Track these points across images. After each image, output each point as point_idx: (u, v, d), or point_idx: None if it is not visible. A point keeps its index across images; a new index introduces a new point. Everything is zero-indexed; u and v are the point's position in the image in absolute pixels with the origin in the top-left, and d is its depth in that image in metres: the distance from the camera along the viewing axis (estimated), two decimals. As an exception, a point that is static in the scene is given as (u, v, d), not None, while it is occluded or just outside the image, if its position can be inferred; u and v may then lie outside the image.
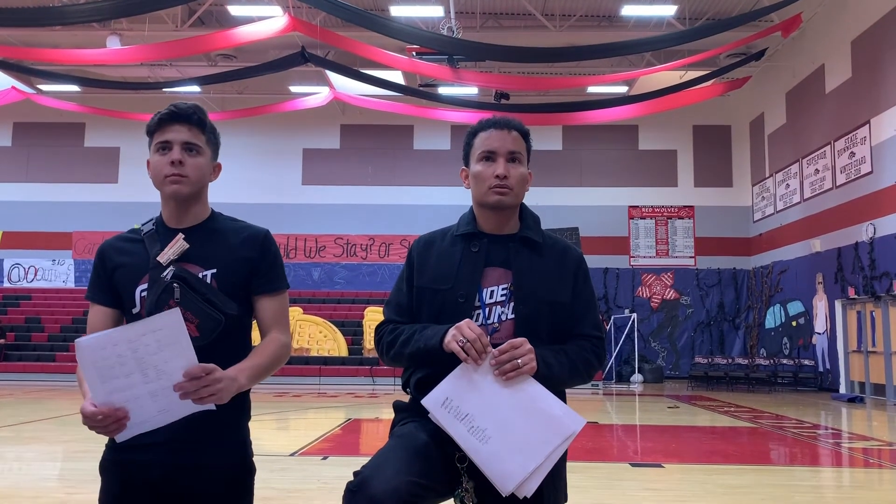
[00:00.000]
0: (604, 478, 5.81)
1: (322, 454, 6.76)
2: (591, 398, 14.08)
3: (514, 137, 1.94)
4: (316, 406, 11.96)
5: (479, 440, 1.73)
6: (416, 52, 14.20)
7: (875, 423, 10.50)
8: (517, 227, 1.98)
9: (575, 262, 1.97)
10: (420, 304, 1.96)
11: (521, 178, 1.94)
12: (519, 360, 1.74)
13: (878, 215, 13.48)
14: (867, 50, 14.10)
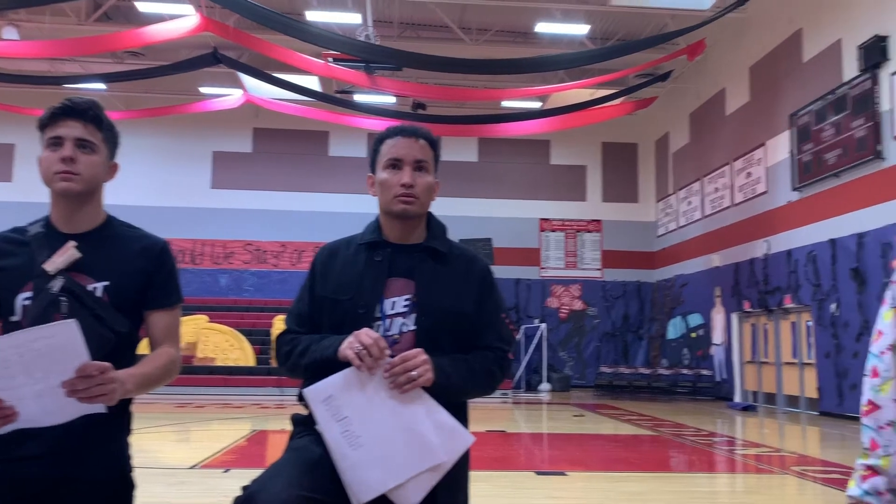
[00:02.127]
0: (508, 486, 5.87)
1: (224, 466, 6.55)
2: (500, 406, 14.23)
3: (421, 146, 1.93)
4: (220, 417, 11.60)
5: (350, 445, 1.71)
6: (333, 58, 14.07)
7: (766, 431, 11.05)
8: (423, 236, 1.96)
9: (481, 272, 1.97)
10: (321, 315, 1.92)
11: (427, 186, 1.92)
12: (413, 371, 1.72)
13: (772, 233, 14.25)
14: (764, 76, 14.92)
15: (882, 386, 1.58)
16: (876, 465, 1.55)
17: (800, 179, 13.28)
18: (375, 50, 13.50)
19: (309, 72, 15.07)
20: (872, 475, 1.56)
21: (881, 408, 1.57)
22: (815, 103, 12.82)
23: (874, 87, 11.33)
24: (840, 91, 12.16)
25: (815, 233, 12.72)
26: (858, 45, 11.63)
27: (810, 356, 12.99)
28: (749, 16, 15.15)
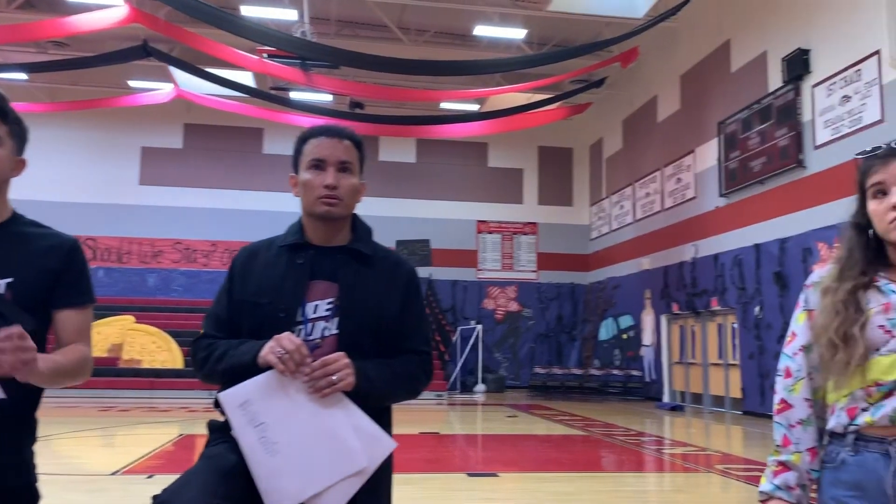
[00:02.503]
0: (439, 489, 5.86)
1: (148, 472, 6.34)
2: (435, 408, 14.23)
3: (345, 146, 1.88)
4: (146, 421, 11.25)
5: (267, 452, 1.66)
6: (268, 54, 13.82)
7: (693, 430, 11.36)
8: (348, 238, 1.91)
9: (406, 275, 1.93)
10: (240, 319, 1.85)
11: (352, 188, 1.88)
12: (334, 376, 1.67)
13: (700, 237, 14.67)
14: (694, 84, 15.35)
15: (794, 385, 1.62)
16: (787, 461, 1.59)
17: (726, 186, 13.71)
18: (312, 47, 13.31)
19: (243, 67, 14.76)
20: (784, 471, 1.59)
21: (793, 406, 1.61)
22: (742, 112, 13.26)
23: (797, 98, 11.78)
24: (765, 101, 12.60)
25: (740, 238, 13.15)
26: (783, 57, 12.07)
27: (735, 357, 13.42)
28: (680, 25, 15.57)
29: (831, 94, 11.05)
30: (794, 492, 1.57)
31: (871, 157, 1.59)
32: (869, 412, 1.48)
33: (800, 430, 1.59)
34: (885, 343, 1.48)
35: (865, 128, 10.26)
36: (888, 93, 9.91)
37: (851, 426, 1.51)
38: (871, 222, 1.58)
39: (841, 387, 1.53)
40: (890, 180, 1.53)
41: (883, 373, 1.47)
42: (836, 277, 1.60)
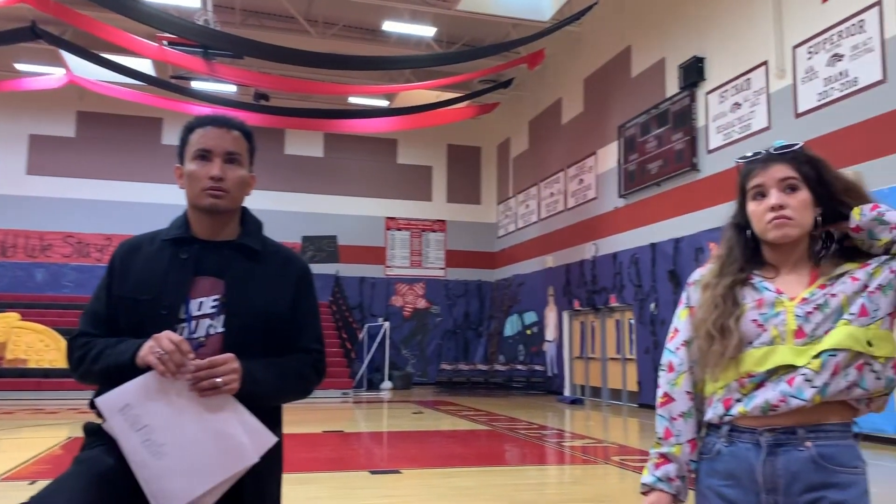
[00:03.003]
0: (341, 487, 5.81)
1: (31, 478, 5.98)
2: (340, 406, 14.10)
3: (233, 137, 1.82)
4: (32, 424, 10.63)
5: (152, 455, 1.60)
6: (168, 42, 13.29)
7: (591, 423, 11.71)
8: (236, 233, 1.85)
9: (298, 272, 1.89)
10: (119, 316, 1.76)
11: (239, 181, 1.81)
12: (219, 378, 1.62)
13: (600, 236, 15.14)
14: (597, 88, 15.82)
15: (676, 379, 1.68)
16: (668, 453, 1.65)
17: (625, 187, 14.20)
18: (215, 35, 12.91)
19: (141, 55, 14.14)
20: (665, 462, 1.65)
21: (675, 400, 1.67)
22: (641, 116, 13.76)
23: (692, 103, 12.32)
24: (663, 106, 13.12)
25: (637, 237, 13.66)
26: (679, 64, 12.60)
27: (632, 352, 13.94)
28: (584, 30, 16.00)
29: (723, 101, 11.62)
30: (674, 483, 1.63)
31: (752, 162, 1.68)
32: (742, 403, 1.56)
33: (681, 423, 1.65)
34: (758, 336, 1.56)
35: (754, 134, 10.84)
36: (774, 101, 10.51)
37: (727, 416, 1.58)
38: (750, 223, 1.66)
39: (717, 378, 1.61)
40: (769, 183, 1.61)
41: (755, 364, 1.55)
42: (717, 274, 1.68)
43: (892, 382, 1.53)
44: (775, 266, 1.66)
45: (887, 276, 1.54)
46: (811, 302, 1.56)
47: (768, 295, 1.59)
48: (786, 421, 1.52)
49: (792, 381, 1.52)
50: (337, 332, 18.32)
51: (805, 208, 1.60)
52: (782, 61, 10.36)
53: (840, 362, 1.50)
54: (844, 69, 9.30)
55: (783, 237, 1.60)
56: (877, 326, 1.52)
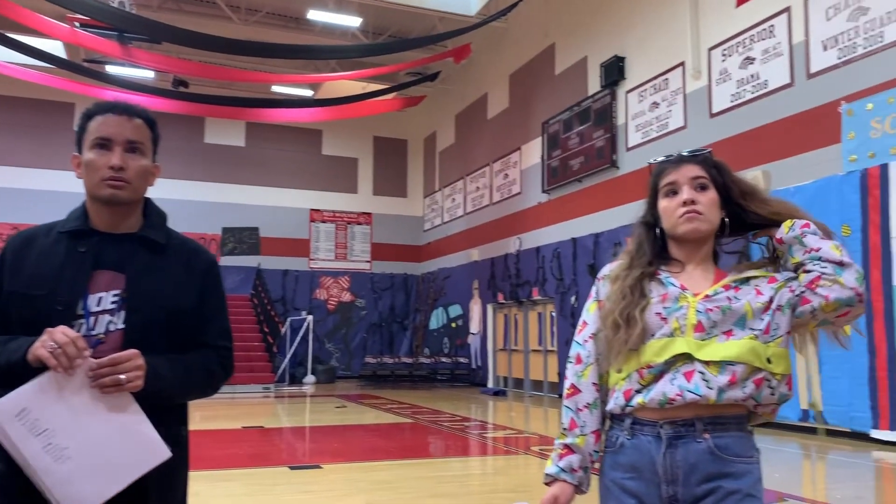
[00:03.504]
0: (259, 483, 5.71)
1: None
2: (261, 401, 13.86)
3: (135, 125, 1.73)
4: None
5: (55, 459, 1.52)
6: (80, 23, 12.72)
7: (513, 414, 11.88)
8: (138, 225, 1.78)
9: (204, 265, 1.82)
10: (11, 313, 1.66)
11: (141, 171, 1.73)
12: (122, 375, 1.55)
13: (524, 231, 15.36)
14: (522, 84, 16.00)
15: (584, 371, 1.72)
16: (572, 444, 1.68)
17: (548, 183, 14.44)
18: (131, 19, 12.41)
19: (51, 36, 13.48)
20: (568, 453, 1.68)
21: (581, 391, 1.71)
22: (564, 114, 14.01)
23: (613, 102, 12.61)
24: (585, 104, 13.38)
25: (559, 232, 13.91)
26: (601, 62, 12.87)
27: (553, 344, 14.21)
28: (510, 27, 16.16)
29: (642, 101, 11.94)
30: (577, 473, 1.66)
31: (665, 162, 1.74)
32: (642, 394, 1.60)
33: (586, 414, 1.69)
34: (660, 328, 1.61)
35: (671, 133, 11.19)
36: (690, 101, 10.86)
37: (627, 407, 1.62)
38: (660, 220, 1.72)
39: (620, 368, 1.65)
40: (682, 180, 1.68)
41: (654, 355, 1.60)
42: (626, 267, 1.73)
43: (784, 397, 1.61)
44: (682, 262, 1.71)
45: (787, 295, 1.61)
46: (713, 300, 1.61)
47: (672, 290, 1.64)
48: (685, 413, 1.57)
49: (690, 375, 1.57)
50: (258, 325, 17.97)
51: (714, 206, 1.67)
52: (698, 62, 10.71)
53: (738, 372, 1.56)
54: (756, 72, 9.70)
55: (694, 231, 1.65)
56: (776, 344, 1.59)
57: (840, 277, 1.55)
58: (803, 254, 1.61)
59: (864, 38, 8.23)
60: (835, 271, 1.56)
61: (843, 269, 1.56)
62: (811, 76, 8.89)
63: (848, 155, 8.20)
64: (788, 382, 1.61)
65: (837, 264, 1.57)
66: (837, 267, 1.57)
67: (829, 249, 1.58)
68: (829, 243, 1.60)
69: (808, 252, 1.60)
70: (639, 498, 1.59)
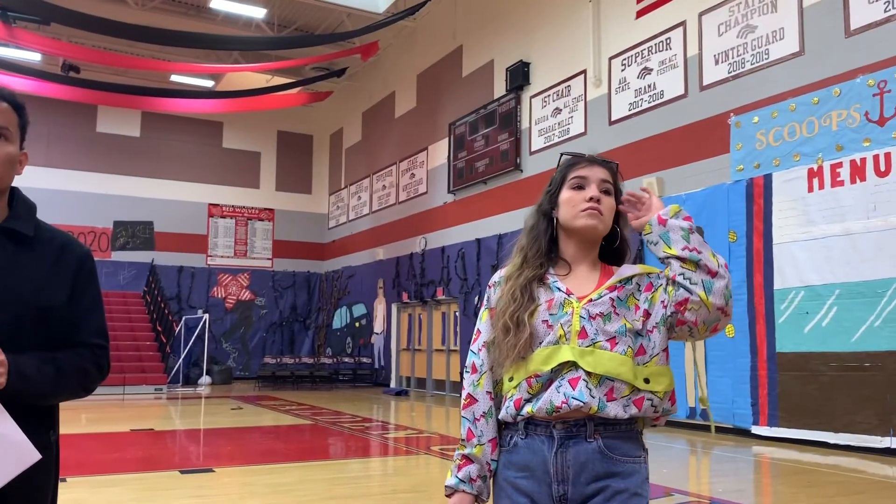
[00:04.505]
0: (147, 489, 5.45)
1: None
2: (153, 403, 13.28)
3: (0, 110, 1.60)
4: None
5: None
6: (-43, -2, 11.84)
7: (415, 414, 11.88)
8: (3, 216, 1.64)
9: (77, 259, 1.70)
10: None
11: (7, 158, 1.60)
12: None
13: (429, 230, 15.40)
14: (429, 85, 16.04)
15: (479, 380, 1.71)
16: (470, 454, 1.67)
17: (454, 184, 14.53)
18: (15, -4, 11.66)
19: (-77, 9, 12.48)
20: (467, 464, 1.67)
21: (478, 401, 1.69)
22: (470, 116, 14.13)
23: (517, 106, 12.82)
24: (491, 107, 13.55)
25: (464, 232, 14.03)
26: (507, 67, 13.06)
27: (456, 343, 14.31)
28: (418, 26, 16.17)
29: (546, 106, 12.19)
30: (476, 483, 1.65)
31: (579, 156, 1.74)
32: (531, 403, 1.60)
33: (483, 423, 1.67)
34: (546, 336, 1.61)
35: (572, 138, 11.48)
36: (591, 108, 11.18)
37: (518, 416, 1.62)
38: (556, 210, 1.71)
39: (511, 377, 1.64)
40: (592, 178, 1.68)
41: (541, 363, 1.59)
42: (518, 266, 1.72)
43: (667, 412, 1.64)
44: (570, 263, 1.71)
45: (661, 312, 1.61)
46: (597, 304, 1.61)
47: (558, 295, 1.64)
48: (577, 414, 1.57)
49: (575, 383, 1.57)
50: (151, 324, 17.25)
51: (611, 213, 1.69)
52: (599, 71, 11.03)
53: (616, 388, 1.57)
54: (653, 82, 10.08)
55: (592, 228, 1.66)
56: (654, 363, 1.60)
57: (708, 298, 1.54)
58: (682, 249, 1.57)
59: (752, 54, 8.69)
60: (703, 287, 1.54)
61: (713, 283, 1.55)
62: (704, 88, 9.32)
63: (735, 165, 8.64)
64: (672, 398, 1.62)
65: (712, 275, 1.55)
66: (709, 280, 1.55)
67: (708, 256, 1.57)
68: (708, 249, 1.59)
69: (689, 250, 1.57)
70: (531, 497, 1.59)
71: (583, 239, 1.69)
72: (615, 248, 1.74)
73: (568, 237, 1.71)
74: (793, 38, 8.26)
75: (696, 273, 1.56)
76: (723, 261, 1.59)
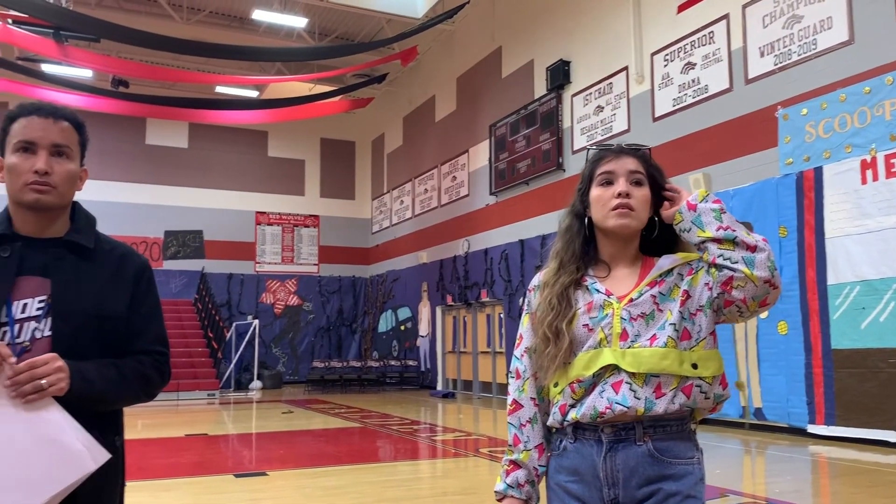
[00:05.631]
0: (203, 492, 5.58)
1: None
2: (206, 408, 13.57)
3: (61, 128, 1.66)
4: None
5: None
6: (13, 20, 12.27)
7: (462, 416, 11.89)
8: (65, 229, 1.71)
9: (136, 269, 1.77)
10: None
11: (68, 175, 1.66)
12: (42, 380, 1.49)
13: (472, 233, 15.41)
14: (469, 87, 16.06)
15: (523, 386, 1.71)
16: (517, 460, 1.67)
17: (496, 185, 14.52)
18: (68, 15, 12.04)
19: (-18, 32, 12.98)
20: (514, 469, 1.68)
21: (523, 406, 1.70)
22: (511, 116, 14.10)
23: (558, 105, 12.75)
24: (531, 107, 13.50)
25: (507, 234, 14.00)
26: (547, 66, 13.00)
27: (502, 345, 14.28)
28: (457, 29, 16.20)
29: (587, 104, 12.10)
30: (524, 489, 1.66)
31: (605, 150, 1.70)
32: (576, 409, 1.59)
33: (528, 429, 1.68)
34: (587, 340, 1.59)
35: (615, 136, 11.36)
36: (634, 105, 11.06)
37: (564, 422, 1.61)
38: (589, 209, 1.68)
39: (556, 382, 1.63)
40: (619, 171, 1.64)
41: (583, 368, 1.58)
42: (555, 272, 1.70)
43: (719, 398, 1.59)
44: (608, 263, 1.68)
45: (706, 294, 1.58)
46: (637, 305, 1.58)
47: (598, 297, 1.62)
48: (624, 418, 1.56)
49: (618, 387, 1.55)
50: (203, 331, 17.61)
51: (646, 204, 1.64)
52: (641, 67, 10.91)
53: (662, 382, 1.54)
54: (696, 77, 9.92)
55: (623, 227, 1.62)
56: (700, 347, 1.56)
57: (753, 272, 1.50)
58: (716, 229, 1.54)
59: (799, 45, 8.50)
60: (745, 263, 1.51)
61: (754, 256, 1.51)
62: (749, 81, 9.14)
63: (784, 158, 8.46)
64: (722, 382, 1.59)
65: (752, 250, 1.51)
66: (749, 255, 1.51)
67: (743, 233, 1.53)
68: (742, 226, 1.55)
69: (724, 229, 1.53)
70: (582, 501, 1.59)
71: (618, 237, 1.66)
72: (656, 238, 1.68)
73: (604, 236, 1.68)
74: (841, 27, 8.05)
75: (734, 251, 1.52)
76: (760, 237, 1.55)
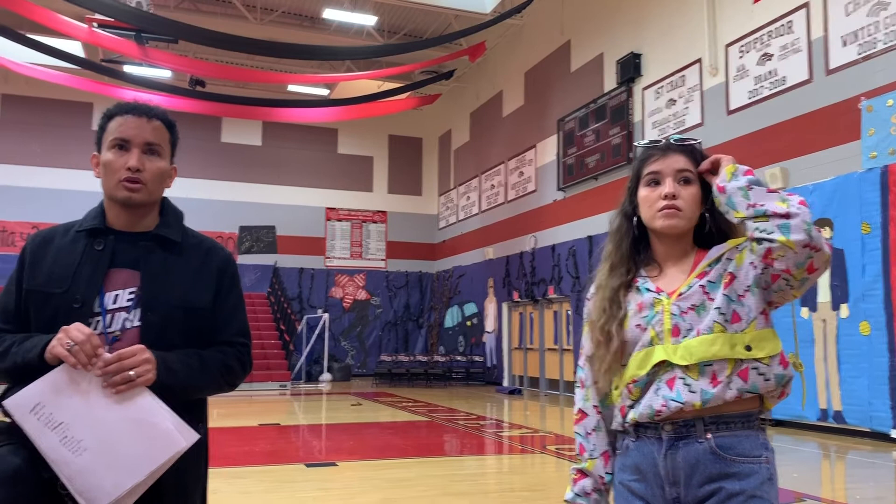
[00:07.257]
0: (275, 481, 5.74)
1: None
2: (277, 399, 13.93)
3: (154, 127, 1.75)
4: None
5: (72, 451, 1.55)
6: (98, 24, 12.84)
7: (528, 413, 11.86)
8: (154, 224, 1.79)
9: (220, 263, 1.83)
10: (30, 311, 1.68)
11: (158, 172, 1.75)
12: (131, 371, 1.57)
13: (539, 229, 15.31)
14: (537, 82, 15.95)
15: (586, 395, 1.72)
16: (584, 469, 1.68)
17: (564, 180, 14.38)
18: (148, 18, 12.50)
19: (70, 36, 13.61)
20: (581, 478, 1.68)
21: (588, 415, 1.70)
22: (580, 111, 13.94)
23: (629, 99, 12.54)
24: (601, 101, 13.32)
25: (575, 229, 13.86)
26: (617, 59, 12.80)
27: (569, 342, 14.16)
28: (525, 23, 16.11)
29: (659, 97, 11.86)
30: (591, 496, 1.67)
31: (652, 148, 1.67)
32: (634, 409, 1.59)
33: (594, 437, 1.69)
34: (640, 339, 1.58)
35: (688, 129, 11.10)
36: (707, 98, 10.78)
37: (626, 423, 1.61)
38: (638, 209, 1.66)
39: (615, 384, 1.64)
40: (666, 171, 1.61)
41: (637, 368, 1.58)
42: (607, 275, 1.69)
43: (782, 378, 1.53)
44: (660, 262, 1.67)
45: (752, 273, 1.53)
46: (687, 298, 1.56)
47: (648, 296, 1.60)
48: (683, 414, 1.53)
49: (672, 383, 1.53)
50: (275, 323, 18.06)
51: (695, 202, 1.61)
52: (715, 59, 10.63)
53: (717, 370, 1.51)
54: (774, 68, 9.60)
55: (671, 228, 1.60)
56: (752, 328, 1.52)
57: (789, 238, 1.43)
58: (747, 208, 1.49)
59: (885, 33, 8.12)
60: (780, 231, 1.44)
61: (788, 223, 1.44)
62: (830, 72, 8.79)
63: (868, 152, 8.10)
64: (782, 361, 1.53)
65: (785, 217, 1.45)
66: (783, 222, 1.44)
67: (775, 204, 1.46)
68: (774, 196, 1.48)
69: (752, 207, 1.48)
70: (645, 500, 1.58)
71: (668, 237, 1.64)
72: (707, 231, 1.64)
73: (654, 236, 1.66)
74: (932, 13, 7.66)
75: (768, 222, 1.46)
76: (797, 199, 1.47)
